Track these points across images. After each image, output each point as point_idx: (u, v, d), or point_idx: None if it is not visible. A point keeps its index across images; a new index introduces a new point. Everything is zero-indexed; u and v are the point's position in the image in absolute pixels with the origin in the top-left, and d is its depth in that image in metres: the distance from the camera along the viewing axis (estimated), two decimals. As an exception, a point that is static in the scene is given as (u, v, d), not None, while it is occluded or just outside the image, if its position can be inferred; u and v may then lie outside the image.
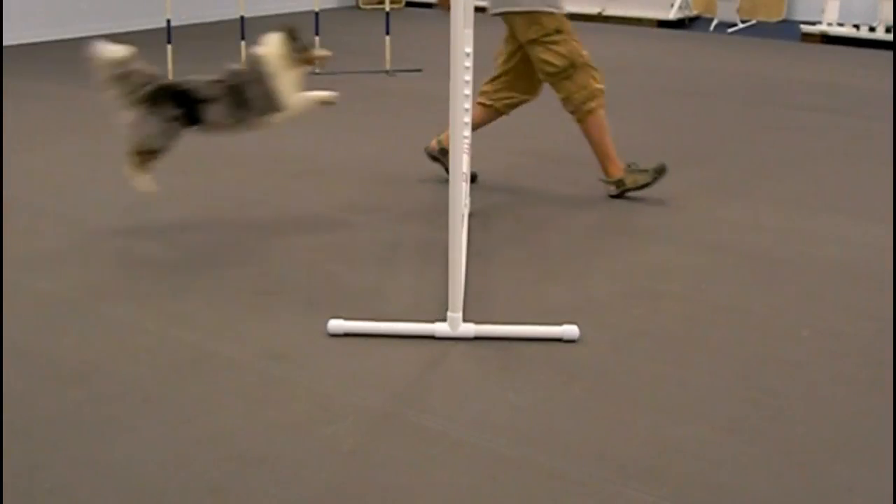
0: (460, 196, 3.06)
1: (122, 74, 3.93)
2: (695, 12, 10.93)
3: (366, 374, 2.89)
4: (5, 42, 8.26)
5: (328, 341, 3.09)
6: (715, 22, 10.48)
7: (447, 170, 4.43)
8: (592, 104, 4.43)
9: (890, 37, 9.36)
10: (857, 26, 9.68)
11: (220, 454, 2.48)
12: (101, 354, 2.99)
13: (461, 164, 3.03)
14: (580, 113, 4.46)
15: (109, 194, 4.55)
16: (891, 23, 9.40)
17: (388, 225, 4.19)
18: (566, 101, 4.47)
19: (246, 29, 7.23)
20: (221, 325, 3.20)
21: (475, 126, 4.60)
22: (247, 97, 3.90)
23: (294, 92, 3.96)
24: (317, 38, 7.49)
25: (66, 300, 3.38)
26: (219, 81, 3.94)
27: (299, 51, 3.97)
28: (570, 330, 3.12)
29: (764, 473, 2.45)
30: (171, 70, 7.08)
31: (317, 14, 7.65)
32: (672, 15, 10.57)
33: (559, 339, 3.11)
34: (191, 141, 5.57)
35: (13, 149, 5.18)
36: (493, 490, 2.37)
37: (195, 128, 4.01)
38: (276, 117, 3.97)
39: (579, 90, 4.40)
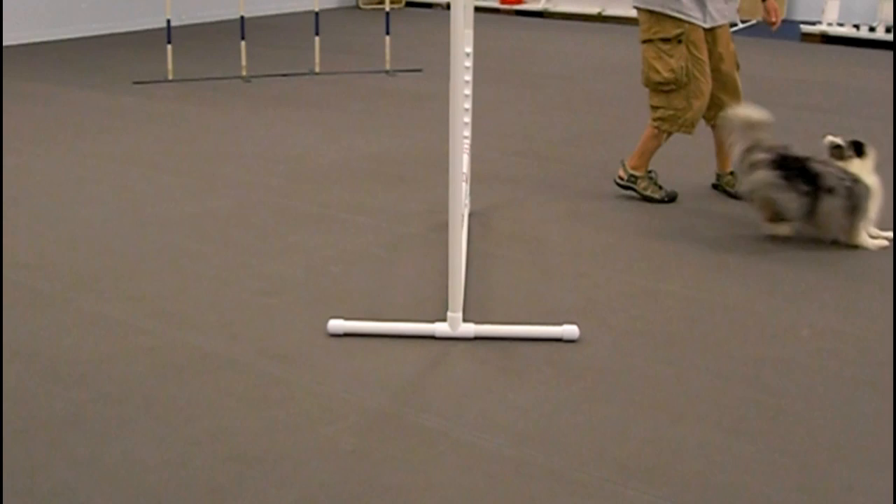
0: (460, 196, 3.06)
1: (750, 137, 3.97)
2: (695, 12, 10.90)
3: (366, 374, 2.89)
4: (5, 42, 8.26)
5: (328, 341, 3.09)
6: (715, 22, 10.46)
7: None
8: (666, 126, 4.41)
9: (890, 37, 9.36)
10: (857, 26, 9.68)
11: (220, 454, 2.48)
12: (102, 354, 2.99)
13: (461, 164, 3.03)
14: (653, 123, 4.46)
15: (109, 194, 4.55)
16: (891, 23, 9.40)
17: (388, 225, 4.19)
18: (651, 107, 4.45)
19: (246, 29, 7.23)
20: (221, 325, 3.20)
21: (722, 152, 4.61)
22: (858, 209, 3.87)
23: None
24: (317, 38, 7.50)
25: (65, 300, 3.38)
26: (840, 177, 3.88)
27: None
28: (570, 330, 3.12)
29: (764, 473, 2.45)
30: (170, 70, 7.09)
31: (317, 14, 7.65)
32: (672, 15, 10.55)
33: (559, 339, 3.11)
34: (190, 141, 5.59)
35: (13, 149, 5.18)
36: (493, 490, 2.37)
37: (809, 217, 3.95)
38: (845, 240, 3.96)
39: (667, 108, 4.38)
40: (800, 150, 3.99)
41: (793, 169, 3.92)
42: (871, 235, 4.01)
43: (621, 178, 4.59)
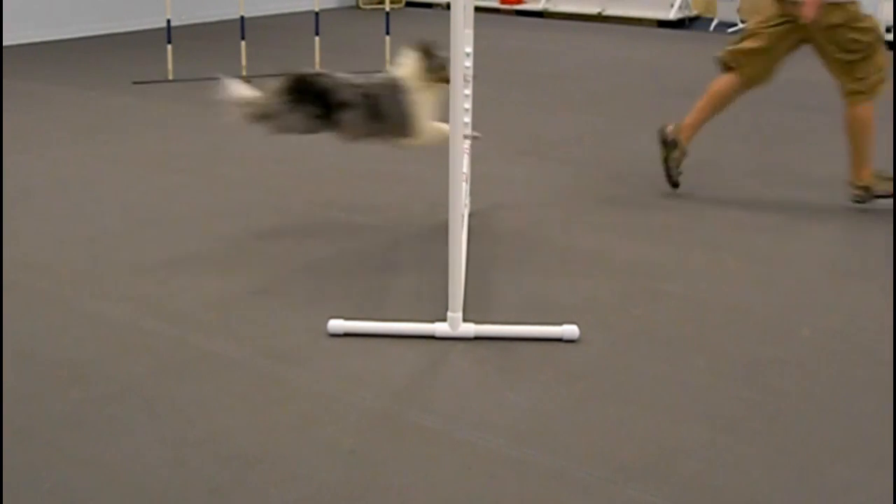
0: (460, 196, 3.06)
1: (254, 109, 3.89)
2: (695, 12, 10.93)
3: (366, 374, 2.89)
4: (5, 42, 8.26)
5: (328, 341, 3.09)
6: (715, 22, 10.48)
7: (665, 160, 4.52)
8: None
9: (890, 37, 9.36)
10: (857, 26, 9.66)
11: (220, 454, 2.48)
12: (101, 354, 2.99)
13: (461, 164, 3.03)
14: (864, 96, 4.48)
15: (109, 194, 4.55)
16: (891, 23, 9.40)
17: (388, 225, 4.19)
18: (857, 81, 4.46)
19: (246, 29, 7.23)
20: (221, 325, 3.20)
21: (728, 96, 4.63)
22: (382, 112, 3.80)
23: (429, 117, 3.85)
24: (317, 38, 7.50)
25: (66, 300, 3.38)
26: (357, 86, 3.82)
27: (436, 70, 3.80)
28: (570, 330, 3.12)
29: (764, 473, 2.45)
30: (170, 70, 7.09)
31: (317, 14, 7.65)
32: (672, 15, 10.57)
33: (559, 339, 3.11)
34: (190, 141, 5.59)
35: (13, 149, 5.17)
36: (493, 490, 2.37)
37: (331, 131, 3.92)
38: (409, 141, 3.89)
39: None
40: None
41: (302, 91, 3.82)
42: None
43: (858, 195, 4.47)
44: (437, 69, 3.80)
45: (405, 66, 3.85)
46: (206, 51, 8.37)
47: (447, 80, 3.73)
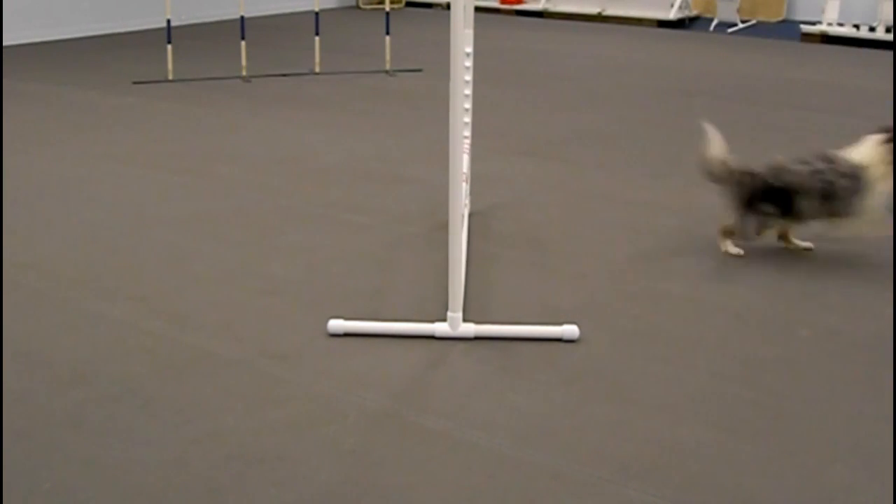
0: (460, 196, 3.06)
1: (726, 173, 3.88)
2: (695, 12, 10.94)
3: (366, 374, 2.89)
4: (5, 42, 8.27)
5: (328, 341, 3.09)
6: (715, 22, 10.48)
7: None
8: None
9: (890, 37, 9.36)
10: (857, 26, 9.68)
11: (220, 454, 2.48)
12: (101, 354, 2.99)
13: (461, 164, 3.03)
14: None
15: (109, 194, 4.55)
16: (891, 23, 9.40)
17: (388, 225, 4.19)
18: None
19: (246, 29, 7.23)
20: (221, 325, 3.20)
21: None
22: (836, 195, 3.74)
23: (881, 206, 3.76)
24: (317, 38, 7.50)
25: (66, 300, 3.38)
26: (819, 172, 3.75)
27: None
28: (570, 330, 3.12)
29: (764, 473, 2.45)
30: (170, 70, 7.09)
31: (317, 14, 7.65)
32: (672, 15, 10.58)
33: (559, 339, 3.11)
34: (190, 141, 5.59)
35: (13, 149, 5.18)
36: (493, 490, 2.37)
37: (784, 218, 3.86)
38: (852, 226, 3.82)
39: None
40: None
41: (763, 195, 3.82)
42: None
43: None
44: None
45: (867, 152, 3.78)
46: (206, 51, 8.38)
47: None
